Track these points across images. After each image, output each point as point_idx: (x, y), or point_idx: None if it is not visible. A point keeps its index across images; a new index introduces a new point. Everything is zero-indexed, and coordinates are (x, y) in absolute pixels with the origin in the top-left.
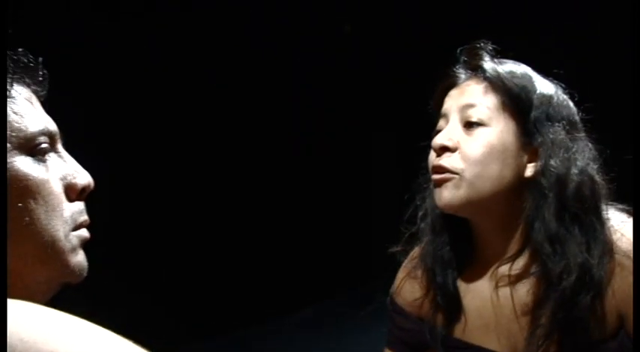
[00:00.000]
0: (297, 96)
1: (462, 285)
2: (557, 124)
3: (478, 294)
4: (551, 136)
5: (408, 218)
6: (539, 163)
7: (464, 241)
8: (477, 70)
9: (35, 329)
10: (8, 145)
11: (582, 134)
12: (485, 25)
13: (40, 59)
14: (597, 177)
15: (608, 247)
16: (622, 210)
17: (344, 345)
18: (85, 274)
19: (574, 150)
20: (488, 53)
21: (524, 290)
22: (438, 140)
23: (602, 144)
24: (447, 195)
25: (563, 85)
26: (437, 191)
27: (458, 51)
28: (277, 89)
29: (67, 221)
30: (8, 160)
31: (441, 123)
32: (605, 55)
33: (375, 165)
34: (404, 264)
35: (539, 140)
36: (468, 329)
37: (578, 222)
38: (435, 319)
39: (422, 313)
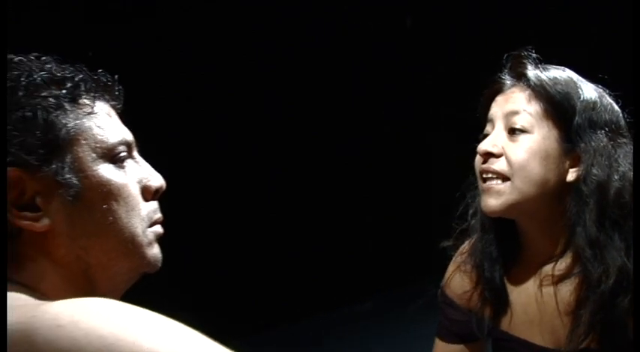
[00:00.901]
0: (355, 96)
1: (508, 282)
2: (599, 130)
3: (524, 291)
4: (593, 143)
5: (459, 214)
6: (580, 169)
7: (511, 240)
8: (521, 78)
9: (116, 321)
10: (93, 155)
11: (626, 139)
12: (539, 28)
13: (116, 77)
14: None
15: None
16: None
17: (400, 337)
18: (159, 265)
19: (616, 156)
20: (532, 61)
21: (566, 290)
22: (483, 146)
23: None
24: (493, 202)
25: (607, 90)
26: (483, 197)
27: (504, 58)
28: (335, 88)
29: (143, 219)
30: (94, 168)
31: (488, 127)
32: None
33: (433, 166)
34: (454, 258)
35: (582, 146)
36: (514, 323)
37: (618, 227)
38: (483, 312)
39: (470, 305)
